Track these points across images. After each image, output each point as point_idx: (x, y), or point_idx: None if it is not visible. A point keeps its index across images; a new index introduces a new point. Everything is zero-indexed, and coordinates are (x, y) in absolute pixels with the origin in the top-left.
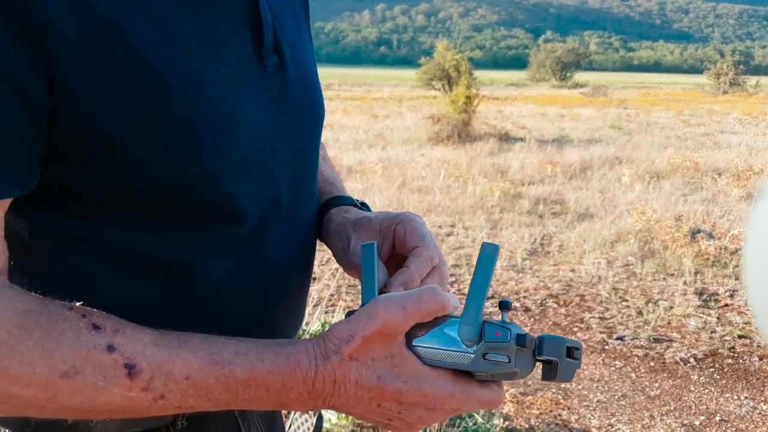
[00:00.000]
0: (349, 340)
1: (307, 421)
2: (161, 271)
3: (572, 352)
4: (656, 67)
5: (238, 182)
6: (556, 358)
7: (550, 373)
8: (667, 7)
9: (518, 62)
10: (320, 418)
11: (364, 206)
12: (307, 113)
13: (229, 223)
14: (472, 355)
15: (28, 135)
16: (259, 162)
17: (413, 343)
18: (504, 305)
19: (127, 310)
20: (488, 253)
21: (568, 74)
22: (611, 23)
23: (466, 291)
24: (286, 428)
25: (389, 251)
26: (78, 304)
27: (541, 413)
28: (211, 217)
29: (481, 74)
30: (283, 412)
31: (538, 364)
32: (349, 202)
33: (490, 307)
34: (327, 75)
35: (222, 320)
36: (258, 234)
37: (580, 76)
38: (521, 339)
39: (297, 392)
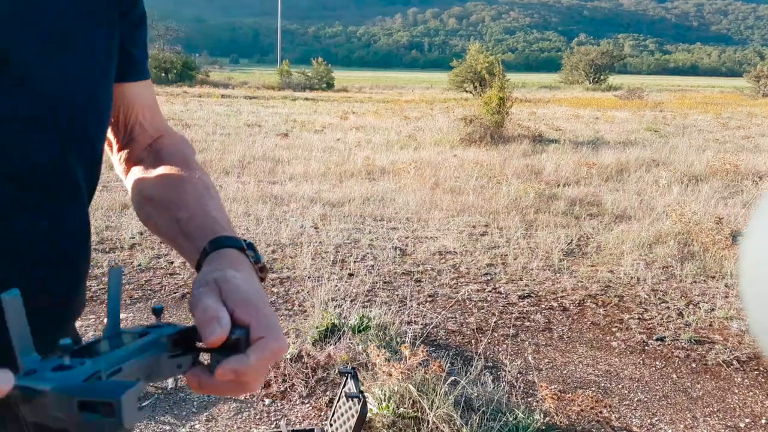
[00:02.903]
0: None
1: (351, 408)
2: None
3: (97, 407)
4: (693, 70)
5: None
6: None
7: None
8: (704, 8)
9: (551, 65)
10: (364, 405)
11: (250, 248)
12: (28, 127)
13: None
14: None
15: None
16: None
17: None
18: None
19: None
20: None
21: (601, 77)
22: (646, 25)
23: (501, 290)
24: (330, 414)
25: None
26: None
27: (581, 410)
28: None
29: (513, 77)
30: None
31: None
32: (230, 244)
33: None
34: (358, 78)
35: None
36: None
37: (614, 79)
38: None
39: None
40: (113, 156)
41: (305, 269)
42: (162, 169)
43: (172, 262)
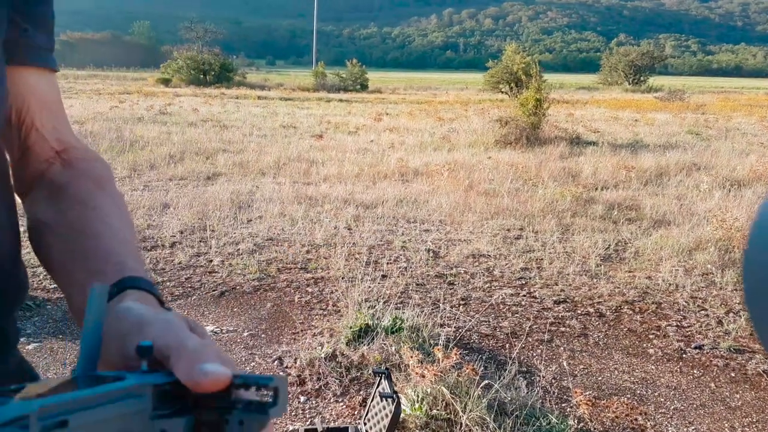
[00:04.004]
0: None
1: (384, 408)
2: None
3: None
4: (737, 71)
5: None
6: None
7: None
8: (750, 8)
9: (589, 66)
10: (398, 406)
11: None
12: None
13: None
14: None
15: None
16: None
17: None
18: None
19: None
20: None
21: (641, 78)
22: (689, 25)
23: (536, 294)
24: (365, 413)
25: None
26: None
27: (616, 417)
28: None
29: (550, 77)
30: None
31: None
32: (150, 288)
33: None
34: (393, 79)
35: None
36: None
37: (655, 80)
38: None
39: None
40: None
41: (339, 270)
42: (71, 192)
43: (211, 261)
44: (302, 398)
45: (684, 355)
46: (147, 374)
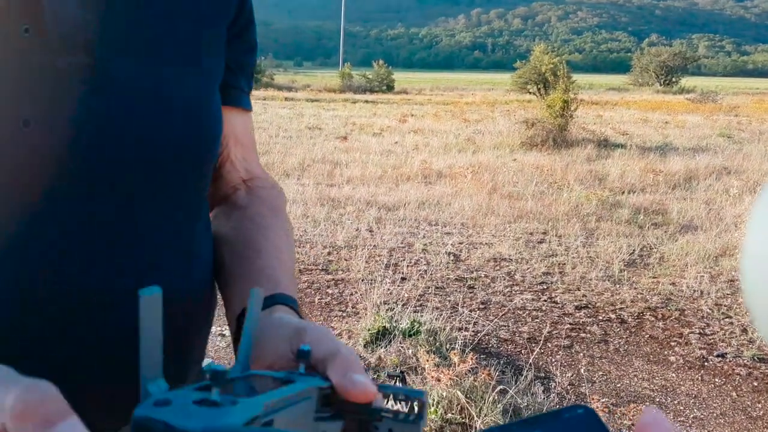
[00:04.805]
0: None
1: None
2: None
3: None
4: None
5: None
6: None
7: None
8: None
9: (620, 66)
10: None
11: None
12: (146, 141)
13: None
14: None
15: None
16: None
17: None
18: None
19: None
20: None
21: (673, 79)
22: (723, 25)
23: (557, 300)
24: None
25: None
26: None
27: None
28: None
29: (580, 78)
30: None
31: None
32: (296, 307)
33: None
34: (419, 80)
35: None
36: None
37: (687, 81)
38: None
39: None
40: None
41: (359, 272)
42: (248, 213)
43: None
44: None
45: (706, 363)
46: (308, 377)
